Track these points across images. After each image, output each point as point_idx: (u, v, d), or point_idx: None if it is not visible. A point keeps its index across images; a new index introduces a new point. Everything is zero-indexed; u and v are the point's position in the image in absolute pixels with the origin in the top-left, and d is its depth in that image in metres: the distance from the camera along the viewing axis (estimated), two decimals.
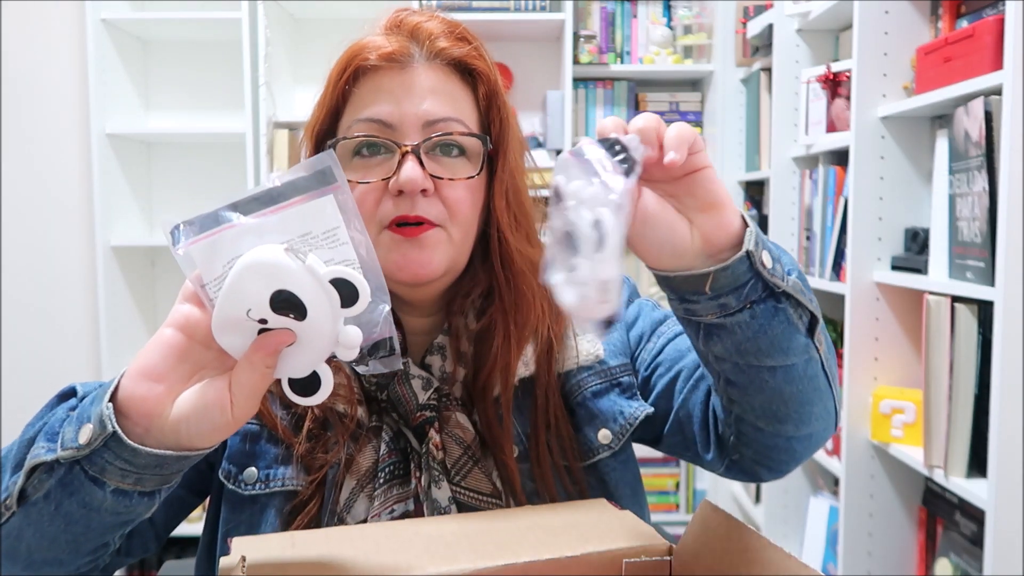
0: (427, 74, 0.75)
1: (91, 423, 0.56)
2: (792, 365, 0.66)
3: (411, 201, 0.72)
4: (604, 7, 2.71)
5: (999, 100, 1.32)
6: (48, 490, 0.57)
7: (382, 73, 0.75)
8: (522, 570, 0.53)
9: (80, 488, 0.56)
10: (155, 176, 2.83)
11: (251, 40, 2.47)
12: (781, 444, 0.74)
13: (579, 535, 0.57)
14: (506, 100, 0.80)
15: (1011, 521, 1.32)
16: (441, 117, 0.74)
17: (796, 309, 0.64)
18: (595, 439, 0.80)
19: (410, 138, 0.74)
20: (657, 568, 0.55)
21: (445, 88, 0.76)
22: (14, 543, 0.60)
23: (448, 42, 0.77)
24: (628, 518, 0.61)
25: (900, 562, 1.80)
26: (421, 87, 0.74)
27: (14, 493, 0.58)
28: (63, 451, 0.56)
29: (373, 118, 0.74)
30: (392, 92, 0.74)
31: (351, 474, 0.74)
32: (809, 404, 0.70)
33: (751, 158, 2.53)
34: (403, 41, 0.76)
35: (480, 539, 0.57)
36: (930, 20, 1.71)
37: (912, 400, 1.67)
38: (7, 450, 0.62)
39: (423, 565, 0.53)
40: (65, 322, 2.79)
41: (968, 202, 1.42)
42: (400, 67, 0.75)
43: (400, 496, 0.74)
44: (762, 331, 0.63)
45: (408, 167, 0.72)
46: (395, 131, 0.74)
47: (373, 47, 0.75)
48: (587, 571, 0.54)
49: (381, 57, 0.75)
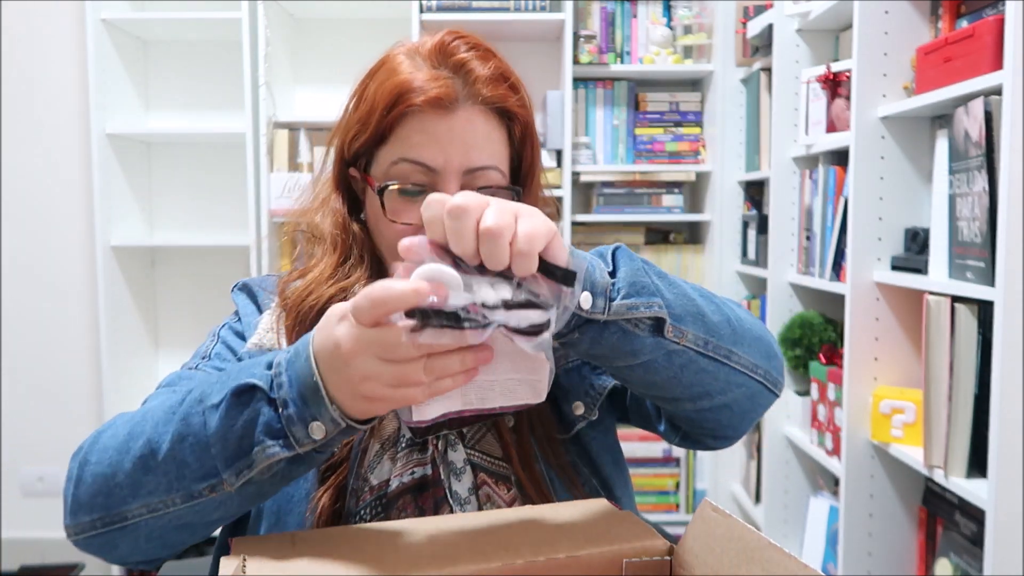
0: (469, 118, 0.80)
1: (320, 422, 0.61)
2: (647, 362, 0.70)
3: None
4: (604, 7, 2.71)
5: (999, 100, 1.32)
6: (273, 474, 0.63)
7: (427, 115, 0.79)
8: (522, 570, 0.53)
9: (298, 471, 0.65)
10: (155, 176, 2.83)
11: (251, 40, 2.47)
12: (696, 417, 0.80)
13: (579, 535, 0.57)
14: (537, 138, 0.87)
15: (1011, 521, 1.32)
16: (480, 166, 0.80)
17: (628, 323, 0.67)
18: (570, 412, 0.86)
19: (451, 182, 0.79)
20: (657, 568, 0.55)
21: (485, 132, 0.81)
22: (198, 512, 0.66)
23: (492, 90, 0.81)
24: (628, 518, 0.61)
25: (900, 562, 1.80)
26: (464, 132, 0.80)
27: (231, 485, 0.63)
28: (301, 448, 0.62)
29: (418, 160, 0.79)
30: (437, 137, 0.79)
31: (376, 438, 0.81)
32: (693, 385, 0.74)
33: (751, 158, 2.53)
34: (448, 81, 0.80)
35: (481, 539, 0.57)
36: (930, 20, 1.71)
37: (912, 400, 1.67)
38: (175, 442, 0.65)
39: (424, 565, 0.53)
40: (65, 322, 2.79)
41: (968, 202, 1.42)
42: (445, 111, 0.79)
43: (420, 461, 0.80)
44: (595, 344, 0.67)
45: None
46: (438, 175, 0.80)
47: (419, 91, 0.79)
48: (587, 571, 0.54)
49: (427, 102, 0.79)
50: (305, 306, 0.83)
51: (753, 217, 2.50)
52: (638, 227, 2.79)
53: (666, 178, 2.70)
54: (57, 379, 2.80)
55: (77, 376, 2.79)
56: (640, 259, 0.71)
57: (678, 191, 2.72)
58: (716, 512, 0.58)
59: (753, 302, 2.51)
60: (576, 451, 0.87)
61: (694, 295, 0.74)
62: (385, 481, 0.79)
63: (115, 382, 2.59)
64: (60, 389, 2.80)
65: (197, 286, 2.83)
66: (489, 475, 0.81)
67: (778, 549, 0.52)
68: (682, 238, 2.87)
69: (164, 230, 2.83)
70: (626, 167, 2.71)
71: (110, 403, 2.58)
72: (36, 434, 2.80)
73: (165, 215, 2.84)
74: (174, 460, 0.64)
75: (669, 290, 0.71)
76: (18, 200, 2.75)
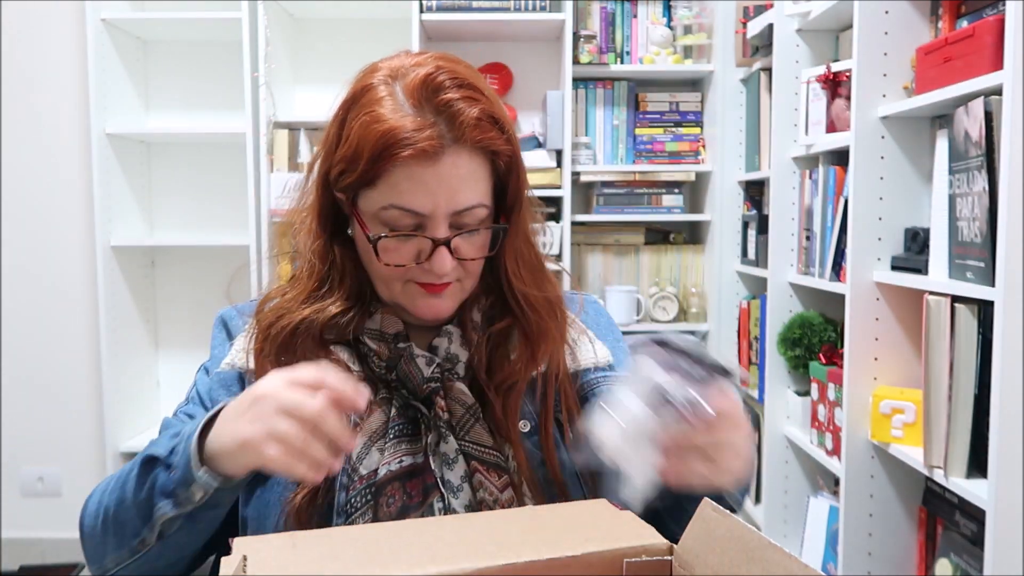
0: (455, 162, 0.80)
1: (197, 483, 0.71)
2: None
3: (439, 276, 0.83)
4: (604, 7, 2.71)
5: (999, 100, 1.32)
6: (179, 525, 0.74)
7: (414, 165, 0.79)
8: (523, 570, 0.53)
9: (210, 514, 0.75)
10: (155, 176, 2.83)
11: (251, 40, 2.47)
12: None
13: (580, 535, 0.57)
14: (523, 167, 0.87)
15: (1011, 521, 1.32)
16: (468, 206, 0.81)
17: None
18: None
19: (440, 227, 0.81)
20: (658, 568, 0.55)
21: (471, 172, 0.81)
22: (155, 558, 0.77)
23: (478, 132, 0.80)
24: (628, 518, 0.61)
25: (900, 562, 1.80)
26: (450, 177, 0.80)
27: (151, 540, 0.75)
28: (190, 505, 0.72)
29: (408, 208, 0.80)
30: (425, 184, 0.80)
31: (361, 434, 0.82)
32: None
33: (751, 158, 2.53)
34: (433, 131, 0.78)
35: (481, 539, 0.57)
36: (930, 20, 1.71)
37: (912, 400, 1.66)
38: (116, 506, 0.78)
39: (424, 565, 0.53)
40: (65, 322, 2.79)
41: (968, 202, 1.42)
42: (432, 159, 0.79)
43: (409, 450, 0.82)
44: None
45: (440, 258, 0.81)
46: (427, 218, 0.81)
47: (407, 141, 0.78)
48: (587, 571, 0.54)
49: (415, 154, 0.78)
50: (276, 328, 0.85)
51: (753, 217, 2.50)
52: (638, 227, 2.79)
53: (666, 178, 2.70)
54: (57, 379, 2.80)
55: (77, 376, 2.79)
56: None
57: (678, 191, 2.72)
58: (716, 512, 0.58)
59: (753, 302, 2.51)
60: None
61: None
62: (374, 471, 0.81)
63: (115, 382, 2.59)
64: (60, 389, 2.80)
65: (197, 286, 2.83)
66: (481, 463, 0.82)
67: (778, 549, 0.52)
68: (682, 238, 2.87)
69: (164, 230, 2.83)
70: (626, 167, 2.71)
71: (110, 403, 2.58)
72: (36, 434, 2.80)
73: (165, 215, 2.83)
74: (117, 521, 0.77)
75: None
76: (18, 200, 2.75)
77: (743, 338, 2.58)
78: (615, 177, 2.68)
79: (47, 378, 2.80)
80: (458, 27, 2.59)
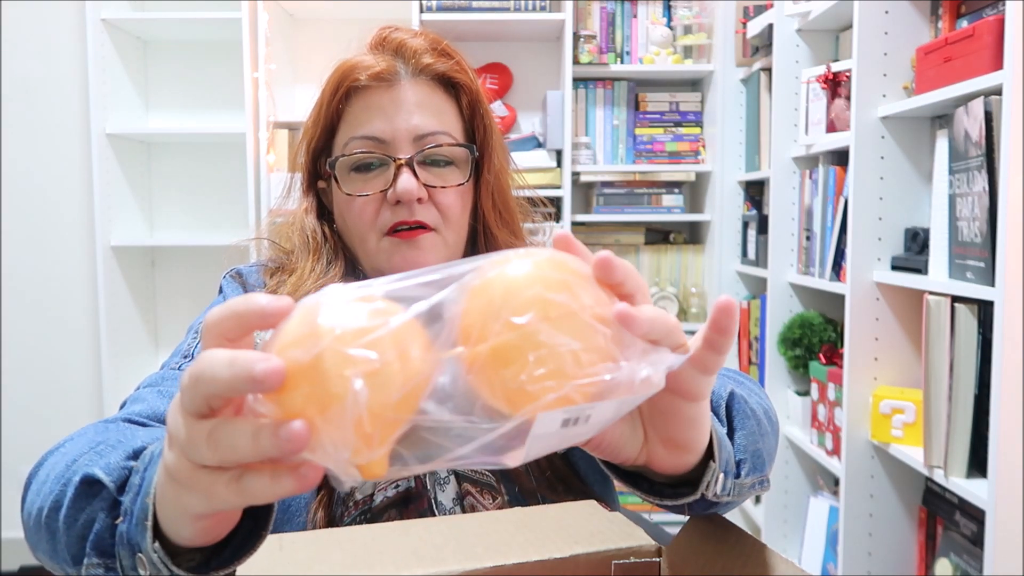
0: (414, 89, 0.83)
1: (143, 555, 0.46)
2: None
3: (408, 208, 0.81)
4: (604, 7, 2.70)
5: (999, 100, 1.31)
6: None
7: (372, 91, 0.82)
8: (511, 571, 0.53)
9: None
10: (155, 176, 2.83)
11: (251, 40, 2.47)
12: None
13: (568, 536, 0.57)
14: (488, 108, 0.87)
15: (1011, 521, 1.31)
16: (430, 131, 0.82)
17: (738, 500, 0.60)
18: None
19: (403, 151, 0.81)
20: (646, 569, 0.55)
21: (431, 102, 0.83)
22: None
23: (431, 58, 0.84)
24: (617, 519, 0.61)
25: (900, 562, 1.79)
26: (409, 103, 0.82)
27: None
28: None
29: (368, 135, 0.81)
30: (383, 109, 0.81)
31: None
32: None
33: (751, 158, 2.53)
34: (389, 59, 0.83)
35: (469, 541, 0.57)
36: (930, 20, 1.71)
37: (912, 400, 1.66)
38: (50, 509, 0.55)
39: (411, 567, 0.53)
40: (65, 322, 2.79)
41: (968, 202, 1.42)
42: (388, 85, 0.82)
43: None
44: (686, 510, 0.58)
45: (404, 179, 0.80)
46: (388, 146, 0.81)
47: (362, 67, 0.82)
48: (576, 572, 0.53)
49: (371, 77, 0.82)
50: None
51: (753, 217, 2.49)
52: (638, 227, 2.79)
53: (666, 178, 2.69)
54: (57, 379, 2.80)
55: (77, 376, 2.80)
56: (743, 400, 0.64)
57: (678, 191, 2.71)
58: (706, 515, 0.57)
59: (753, 302, 2.50)
60: (563, 465, 0.84)
61: (766, 426, 0.66)
62: (369, 496, 0.78)
63: (115, 382, 2.59)
64: (60, 389, 2.80)
65: (197, 286, 2.83)
66: (473, 484, 0.80)
67: (770, 551, 0.52)
68: (682, 238, 2.86)
69: (164, 230, 2.83)
70: (626, 167, 2.70)
71: (110, 403, 2.58)
72: (36, 434, 2.80)
73: (165, 215, 2.84)
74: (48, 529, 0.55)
75: (762, 440, 0.64)
76: (18, 200, 2.76)
77: (743, 338, 2.57)
78: (615, 177, 2.68)
79: (47, 378, 2.80)
80: (458, 27, 2.59)
